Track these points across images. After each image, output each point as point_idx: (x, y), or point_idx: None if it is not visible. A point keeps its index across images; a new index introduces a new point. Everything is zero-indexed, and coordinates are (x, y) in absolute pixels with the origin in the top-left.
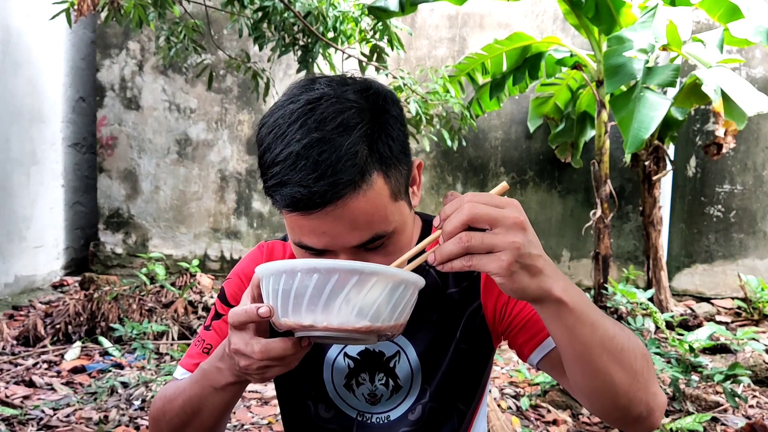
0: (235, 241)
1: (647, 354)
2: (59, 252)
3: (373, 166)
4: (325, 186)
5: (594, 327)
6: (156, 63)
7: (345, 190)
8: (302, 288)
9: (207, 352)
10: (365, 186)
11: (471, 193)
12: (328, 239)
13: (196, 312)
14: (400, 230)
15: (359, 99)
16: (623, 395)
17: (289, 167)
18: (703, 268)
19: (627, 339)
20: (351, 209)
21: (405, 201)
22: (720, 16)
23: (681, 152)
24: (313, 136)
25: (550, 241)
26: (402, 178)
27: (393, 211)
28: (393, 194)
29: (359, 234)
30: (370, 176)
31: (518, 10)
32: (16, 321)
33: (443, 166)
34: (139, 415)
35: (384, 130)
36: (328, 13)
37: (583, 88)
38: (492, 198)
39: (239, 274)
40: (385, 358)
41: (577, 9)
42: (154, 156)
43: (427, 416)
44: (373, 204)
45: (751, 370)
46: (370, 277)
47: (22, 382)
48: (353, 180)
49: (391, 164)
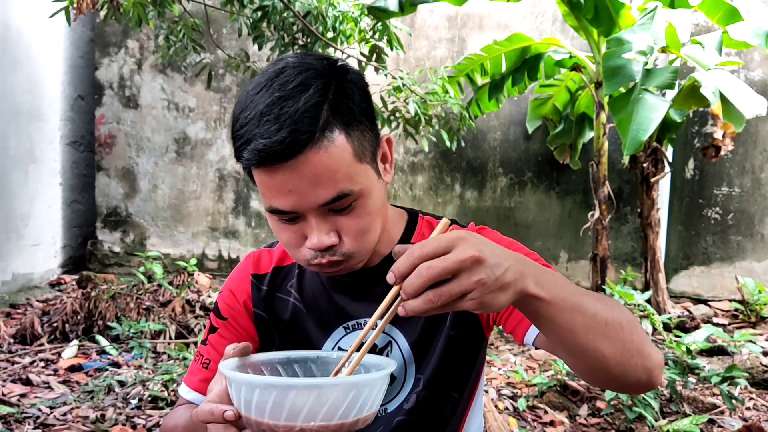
0: (233, 241)
1: (633, 319)
2: (57, 250)
3: (333, 122)
4: (285, 136)
5: (573, 311)
6: (155, 62)
7: (305, 142)
8: (262, 402)
9: (206, 367)
10: (326, 141)
11: (419, 246)
12: (294, 198)
13: (193, 311)
14: (367, 194)
15: (319, 65)
16: (616, 365)
17: (254, 125)
18: (701, 270)
19: (610, 311)
20: (313, 163)
21: (372, 167)
22: (719, 18)
23: (679, 154)
24: (275, 95)
25: (548, 242)
26: (366, 142)
27: (357, 171)
28: (356, 154)
29: (323, 191)
30: (330, 132)
31: (518, 11)
32: (13, 319)
33: (442, 167)
34: (136, 414)
35: (343, 91)
36: (327, 12)
37: (582, 90)
38: (440, 243)
39: (230, 288)
40: (377, 350)
41: (577, 10)
42: (152, 155)
43: (420, 404)
44: (335, 160)
45: (748, 372)
46: (329, 391)
47: (19, 381)
48: (312, 132)
49: (352, 124)
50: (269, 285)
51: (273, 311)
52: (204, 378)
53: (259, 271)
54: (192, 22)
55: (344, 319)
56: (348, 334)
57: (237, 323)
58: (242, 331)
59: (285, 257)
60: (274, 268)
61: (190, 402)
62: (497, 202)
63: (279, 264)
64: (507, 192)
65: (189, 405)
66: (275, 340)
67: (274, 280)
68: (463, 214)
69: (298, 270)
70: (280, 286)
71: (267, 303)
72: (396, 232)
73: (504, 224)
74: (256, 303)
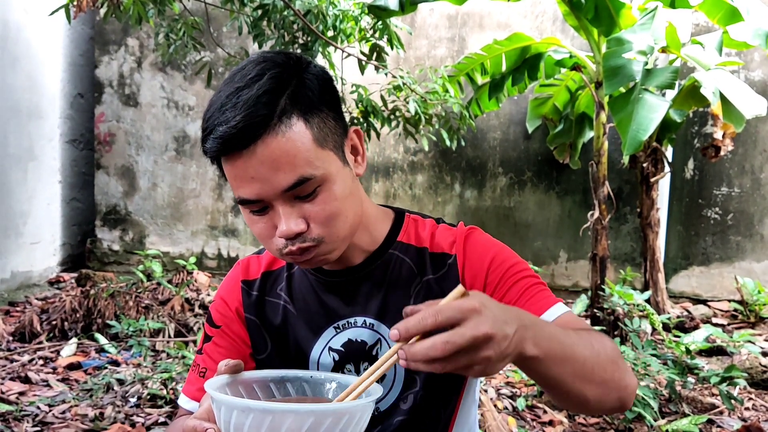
0: (232, 239)
1: (617, 356)
2: (56, 248)
3: (291, 109)
4: (240, 120)
5: (564, 362)
6: (155, 60)
7: (261, 126)
8: (239, 425)
9: (203, 376)
10: (283, 126)
11: (433, 314)
12: (258, 185)
13: (192, 309)
14: (331, 179)
15: (278, 58)
16: (596, 402)
17: (215, 116)
18: (700, 270)
19: (596, 356)
20: (271, 148)
21: (336, 155)
22: (719, 18)
23: (679, 154)
24: (234, 87)
25: (547, 242)
26: (327, 130)
27: (319, 156)
28: (316, 140)
29: (284, 176)
30: (288, 119)
31: (518, 10)
32: (12, 317)
33: (441, 166)
34: (134, 412)
35: (301, 80)
36: (328, 11)
37: (582, 90)
38: (454, 314)
39: (221, 296)
40: (367, 347)
41: (577, 10)
42: (152, 153)
43: (419, 404)
44: (294, 145)
45: (747, 372)
46: (306, 416)
47: (18, 378)
48: (269, 116)
49: (311, 112)
50: (259, 290)
51: (264, 315)
52: (201, 387)
53: (248, 277)
54: (192, 20)
55: (334, 319)
56: (338, 334)
57: (230, 330)
58: (235, 337)
59: (273, 262)
60: (264, 273)
61: (189, 411)
62: (497, 201)
63: (268, 269)
64: (507, 191)
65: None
66: (267, 344)
67: (264, 284)
68: (462, 213)
69: (287, 273)
70: (270, 290)
71: (258, 307)
72: (381, 229)
73: (503, 224)
74: (247, 308)
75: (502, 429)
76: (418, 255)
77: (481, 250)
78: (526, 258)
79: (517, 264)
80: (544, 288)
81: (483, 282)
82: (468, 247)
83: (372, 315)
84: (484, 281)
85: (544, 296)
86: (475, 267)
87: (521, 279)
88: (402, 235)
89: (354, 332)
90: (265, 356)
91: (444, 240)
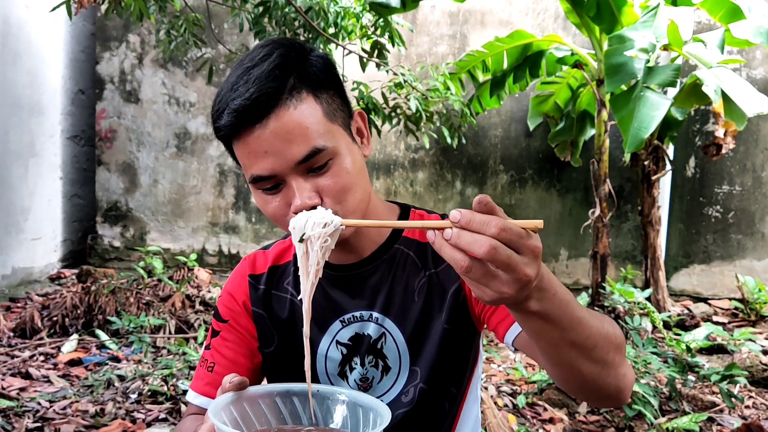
0: (233, 236)
1: (621, 343)
2: (57, 244)
3: (300, 86)
4: (253, 92)
5: (565, 330)
6: (156, 56)
7: (273, 99)
8: None
9: (211, 370)
10: (294, 100)
11: (500, 224)
12: (271, 159)
13: (193, 306)
14: (343, 153)
15: (284, 41)
16: (591, 382)
17: (226, 95)
18: (701, 268)
19: (604, 336)
20: (284, 120)
21: (344, 131)
22: (721, 16)
23: (680, 152)
24: (244, 68)
25: (548, 240)
26: (335, 106)
27: (330, 129)
28: (326, 114)
29: (297, 147)
30: (298, 92)
31: (519, 7)
32: (13, 313)
33: (443, 163)
34: (135, 408)
35: (306, 60)
36: (329, 8)
37: (584, 87)
38: (516, 240)
39: (229, 291)
40: (372, 341)
41: (579, 8)
42: (152, 149)
43: (419, 398)
44: (306, 116)
45: (747, 370)
46: None
47: (19, 374)
48: (280, 89)
49: (319, 87)
50: (266, 284)
51: (271, 309)
52: (209, 382)
53: (255, 272)
54: (193, 17)
55: (340, 313)
56: (344, 328)
57: (238, 324)
58: (243, 331)
59: (280, 257)
60: (270, 268)
61: (198, 407)
62: (498, 199)
63: (275, 263)
64: (508, 189)
65: (196, 416)
66: (274, 337)
67: (271, 278)
68: None
69: (294, 267)
70: (277, 284)
71: (265, 301)
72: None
73: None
74: (254, 302)
75: (503, 426)
76: (422, 249)
77: None
78: None
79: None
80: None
81: None
82: None
83: (377, 309)
84: None
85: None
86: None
87: None
88: (407, 230)
89: (360, 326)
90: (272, 349)
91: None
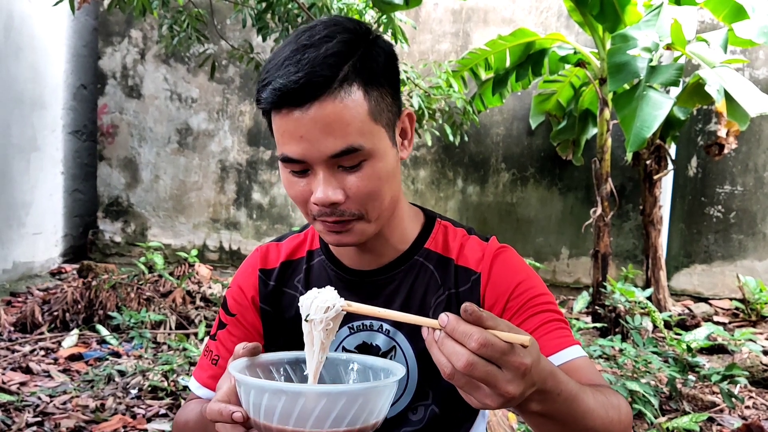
0: (234, 232)
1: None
2: (58, 239)
3: (353, 77)
4: (302, 77)
5: (567, 424)
6: (158, 52)
7: (321, 87)
8: (271, 407)
9: (215, 363)
10: (343, 93)
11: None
12: (305, 146)
13: (194, 302)
14: (379, 156)
15: (349, 24)
16: None
17: (275, 69)
18: (702, 268)
19: (608, 423)
20: (327, 111)
21: (387, 133)
22: (725, 16)
23: (682, 152)
24: (300, 44)
25: (549, 238)
26: (384, 105)
27: (371, 130)
28: (372, 113)
29: (333, 141)
30: (349, 86)
31: (522, 6)
32: (13, 307)
33: (444, 161)
34: (135, 403)
35: (368, 51)
36: (332, 4)
37: (586, 86)
38: (498, 357)
39: (238, 283)
40: (381, 353)
41: (582, 6)
42: (154, 145)
43: (429, 420)
44: (350, 112)
45: (747, 371)
46: (338, 397)
47: (19, 369)
48: (331, 78)
49: (372, 84)
50: (277, 280)
51: (279, 306)
52: (213, 374)
53: (266, 266)
54: (196, 13)
55: (349, 319)
56: (352, 335)
57: (244, 319)
58: (249, 327)
59: (294, 252)
60: (283, 263)
61: (199, 397)
62: (499, 197)
63: (288, 258)
64: (509, 187)
65: (199, 400)
66: (280, 336)
67: (283, 275)
68: (464, 209)
69: (306, 265)
70: (287, 281)
71: (274, 298)
72: (411, 231)
73: (506, 220)
74: (263, 298)
75: (503, 425)
76: (443, 265)
77: (508, 274)
78: (527, 254)
79: (541, 295)
80: (564, 326)
81: (503, 306)
82: (495, 268)
83: (390, 322)
84: (504, 305)
85: (562, 335)
86: (498, 290)
87: (542, 312)
88: (430, 242)
89: (369, 335)
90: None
91: (472, 254)
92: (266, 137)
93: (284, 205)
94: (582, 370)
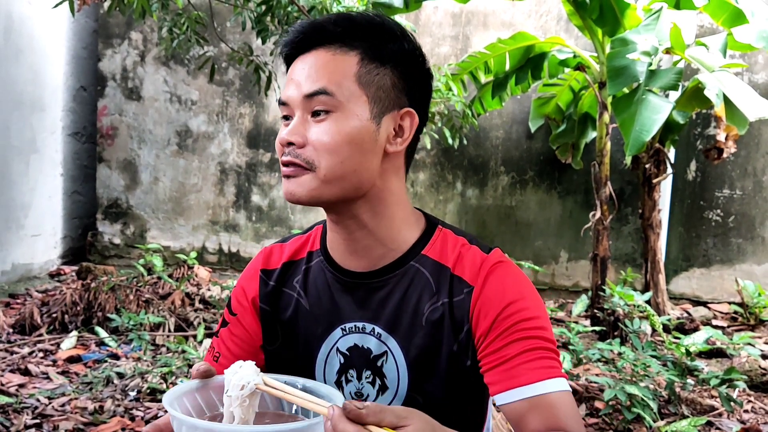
0: (233, 235)
1: None
2: (57, 241)
3: (358, 44)
4: (308, 29)
5: None
6: (158, 54)
7: (320, 38)
8: None
9: (216, 360)
10: (339, 50)
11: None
12: (291, 87)
13: (193, 304)
14: (347, 114)
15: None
16: None
17: (297, 25)
18: (701, 272)
19: None
20: (319, 60)
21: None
22: (724, 20)
23: (681, 156)
24: (336, 12)
25: (548, 242)
26: (379, 83)
27: (351, 88)
28: (359, 78)
29: (311, 83)
30: (349, 48)
31: (522, 9)
32: (12, 309)
33: (443, 164)
34: (134, 405)
35: (394, 38)
36: (332, 7)
37: (586, 90)
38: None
39: (242, 284)
40: (372, 356)
41: (582, 10)
42: (154, 147)
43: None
44: (336, 64)
45: (746, 375)
46: None
47: (18, 371)
48: (335, 35)
49: (373, 57)
50: (277, 280)
51: (277, 306)
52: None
53: (268, 267)
54: (196, 15)
55: (343, 320)
56: (344, 336)
57: (244, 320)
58: (248, 328)
59: (297, 252)
60: (284, 264)
61: None
62: (498, 200)
63: (290, 259)
64: (508, 191)
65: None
66: (278, 335)
67: (283, 275)
68: (464, 212)
69: (305, 266)
70: (287, 281)
71: (273, 298)
72: (410, 236)
73: (505, 223)
74: (263, 298)
75: (501, 427)
76: (439, 272)
77: (499, 292)
78: (526, 257)
79: (532, 319)
80: (550, 356)
81: (489, 325)
82: (488, 284)
83: (381, 325)
84: (491, 325)
85: (543, 365)
86: (487, 307)
87: (528, 338)
88: (428, 248)
89: (361, 338)
90: (275, 348)
91: (470, 265)
92: (266, 139)
93: (284, 208)
94: (555, 407)
